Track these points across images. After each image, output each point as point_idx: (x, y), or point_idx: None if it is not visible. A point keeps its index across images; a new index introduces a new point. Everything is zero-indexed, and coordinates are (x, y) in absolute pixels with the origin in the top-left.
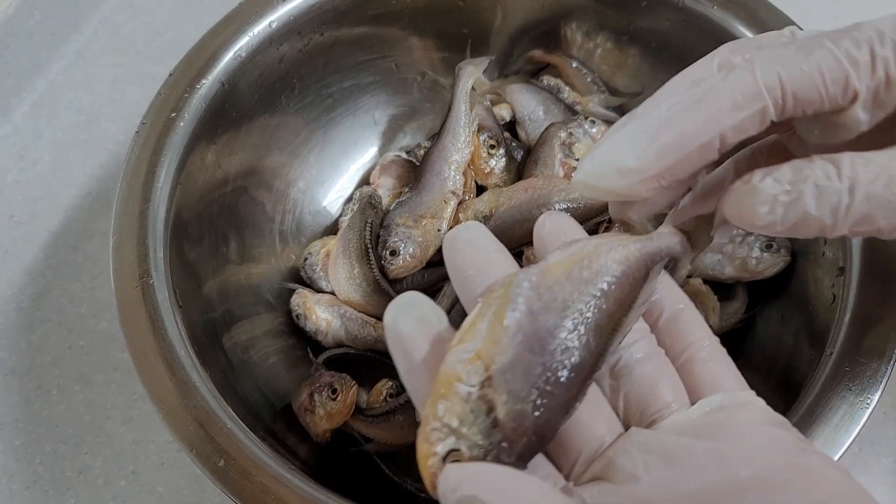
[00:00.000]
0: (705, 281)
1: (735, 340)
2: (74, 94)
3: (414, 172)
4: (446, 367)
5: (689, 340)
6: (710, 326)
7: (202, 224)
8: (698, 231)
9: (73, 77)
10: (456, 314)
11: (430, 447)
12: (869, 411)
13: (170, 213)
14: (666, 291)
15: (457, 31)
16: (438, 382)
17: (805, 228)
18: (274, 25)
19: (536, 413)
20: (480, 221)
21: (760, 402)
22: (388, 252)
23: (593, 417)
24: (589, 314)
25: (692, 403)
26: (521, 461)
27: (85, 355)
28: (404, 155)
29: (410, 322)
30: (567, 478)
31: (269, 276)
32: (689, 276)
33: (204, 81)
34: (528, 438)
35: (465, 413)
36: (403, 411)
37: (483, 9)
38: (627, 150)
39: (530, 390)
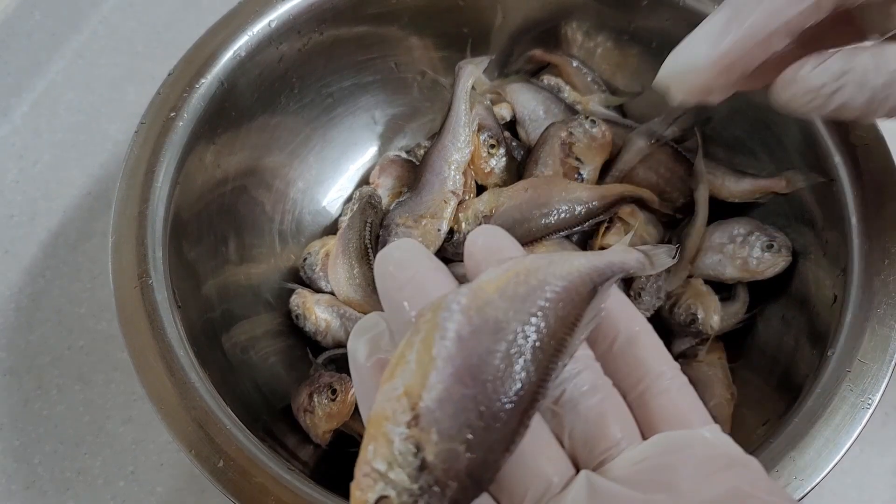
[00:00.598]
0: (706, 281)
1: (736, 341)
2: (74, 93)
3: (414, 172)
4: (376, 406)
5: (645, 369)
6: (711, 327)
7: (201, 224)
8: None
9: (73, 77)
10: None
11: (361, 494)
12: (870, 412)
13: (169, 213)
14: (620, 313)
15: (457, 31)
16: (369, 423)
17: (843, 114)
18: (273, 25)
19: (469, 453)
20: (481, 221)
21: (718, 437)
22: None
23: (539, 454)
24: (527, 336)
25: (645, 438)
26: None
27: (84, 355)
28: (404, 155)
29: (364, 348)
30: None
31: (268, 276)
32: (689, 277)
33: (203, 81)
34: (461, 482)
35: (392, 456)
36: None
37: (483, 8)
38: (702, 42)
39: (461, 428)
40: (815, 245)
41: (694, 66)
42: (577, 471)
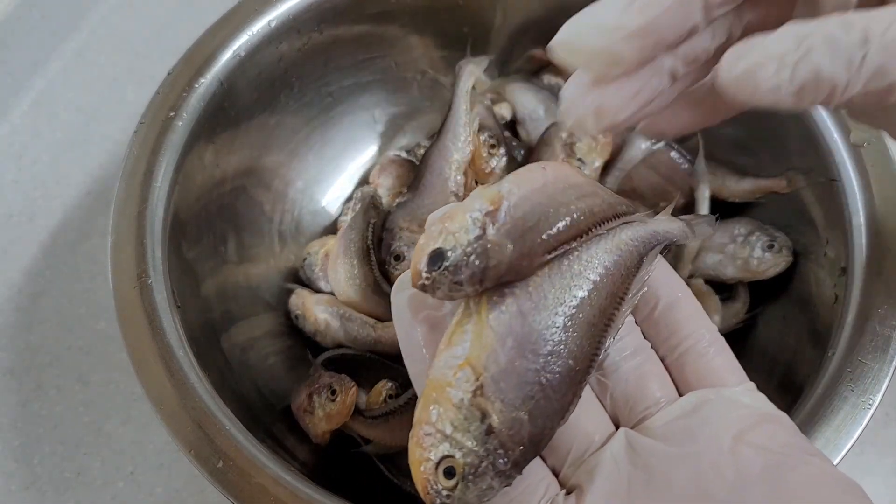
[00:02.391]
0: (707, 281)
1: (737, 341)
2: (73, 93)
3: (414, 172)
4: (435, 371)
5: (685, 332)
6: None
7: (201, 224)
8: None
9: (72, 76)
10: None
11: (424, 452)
12: (871, 412)
13: (168, 213)
14: (662, 280)
15: (457, 30)
16: (429, 386)
17: (814, 91)
18: (273, 24)
19: (532, 421)
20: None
21: (752, 395)
22: (392, 257)
23: (583, 415)
24: (581, 311)
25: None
26: (516, 468)
27: (84, 355)
28: (404, 154)
29: (409, 304)
30: (556, 475)
31: (267, 276)
32: (690, 277)
33: (202, 80)
34: (524, 446)
35: (458, 419)
36: (403, 412)
37: (483, 7)
38: (609, 8)
39: (525, 398)
40: (815, 245)
41: (598, 24)
42: (617, 429)
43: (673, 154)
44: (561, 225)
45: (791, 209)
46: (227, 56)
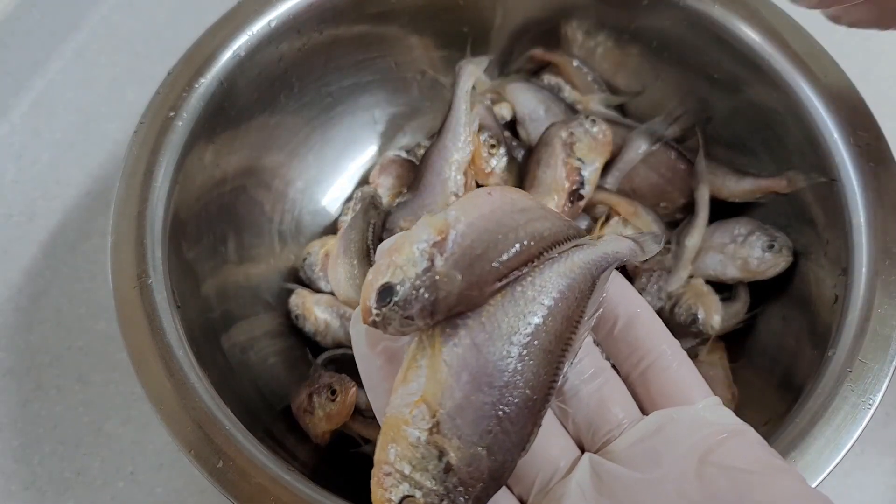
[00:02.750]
0: (707, 281)
1: (737, 341)
2: (73, 93)
3: (414, 172)
4: (392, 409)
5: (646, 348)
6: (712, 327)
7: (200, 224)
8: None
9: (72, 76)
10: None
11: (385, 493)
12: (871, 412)
13: (168, 213)
14: (619, 296)
15: (456, 30)
16: (387, 424)
17: None
18: (273, 24)
19: (491, 455)
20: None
21: (715, 410)
22: None
23: (547, 441)
24: (536, 338)
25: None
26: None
27: (84, 355)
28: (404, 154)
29: (366, 336)
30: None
31: (267, 276)
32: (690, 277)
33: (202, 80)
34: (484, 482)
35: (416, 459)
36: None
37: (483, 7)
38: None
39: (483, 433)
40: (816, 245)
41: None
42: (582, 452)
43: (673, 154)
44: (511, 251)
45: (791, 209)
46: (227, 56)
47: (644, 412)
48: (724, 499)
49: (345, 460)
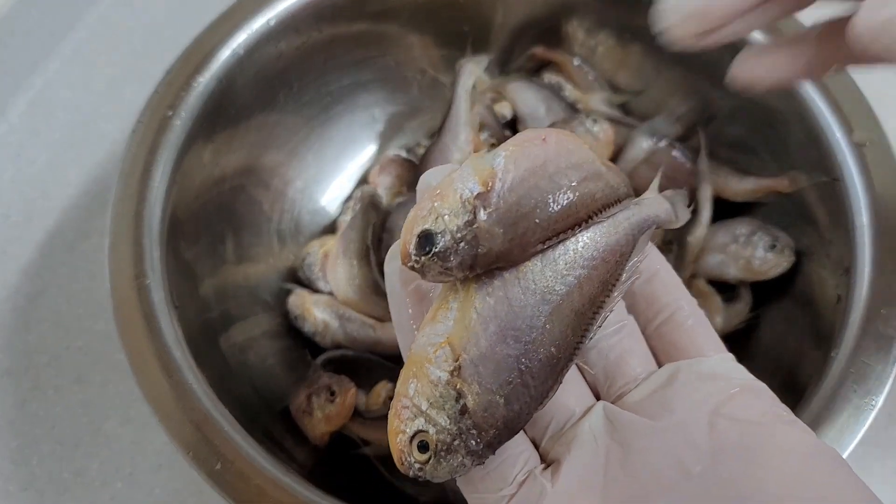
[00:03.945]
0: (709, 282)
1: (739, 341)
2: (71, 92)
3: (413, 171)
4: (417, 346)
5: (663, 302)
6: (714, 327)
7: (199, 223)
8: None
9: (70, 75)
10: None
11: (400, 424)
12: (874, 413)
13: (166, 213)
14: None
15: (457, 29)
16: (410, 360)
17: None
18: (272, 23)
19: (508, 405)
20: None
21: (729, 365)
22: None
23: (563, 389)
24: (569, 301)
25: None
26: (489, 448)
27: (82, 356)
28: (404, 153)
29: (400, 274)
30: (536, 446)
31: (266, 276)
32: (692, 277)
33: (201, 79)
34: (498, 429)
35: (434, 397)
36: None
37: (483, 5)
38: None
39: (502, 384)
40: (818, 245)
41: None
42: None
43: (675, 153)
44: (558, 214)
45: (793, 209)
46: (225, 55)
47: (659, 365)
48: (733, 448)
49: (344, 462)
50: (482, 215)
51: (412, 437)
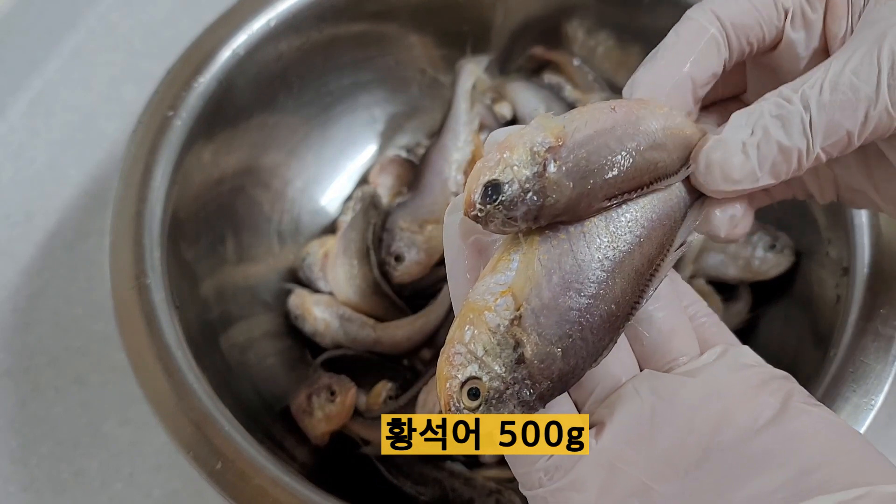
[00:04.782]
0: (709, 281)
1: (739, 341)
2: (71, 92)
3: (413, 171)
4: (476, 294)
5: (691, 298)
6: None
7: (199, 224)
8: None
9: (70, 75)
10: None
11: (452, 370)
12: (873, 412)
13: (166, 213)
14: None
15: (457, 29)
16: (468, 307)
17: (785, 165)
18: (272, 23)
19: (565, 358)
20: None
21: (760, 359)
22: (392, 258)
23: (612, 356)
24: (630, 259)
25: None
26: (540, 401)
27: (81, 356)
28: (404, 154)
29: (460, 226)
30: (579, 410)
31: (266, 276)
32: (692, 277)
33: (201, 79)
34: (552, 381)
35: (491, 344)
36: (402, 413)
37: (483, 6)
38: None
39: (562, 336)
40: (818, 245)
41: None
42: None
43: None
44: (625, 174)
45: (793, 209)
46: (226, 55)
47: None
48: (768, 422)
49: (344, 462)
50: (552, 167)
51: (464, 383)
